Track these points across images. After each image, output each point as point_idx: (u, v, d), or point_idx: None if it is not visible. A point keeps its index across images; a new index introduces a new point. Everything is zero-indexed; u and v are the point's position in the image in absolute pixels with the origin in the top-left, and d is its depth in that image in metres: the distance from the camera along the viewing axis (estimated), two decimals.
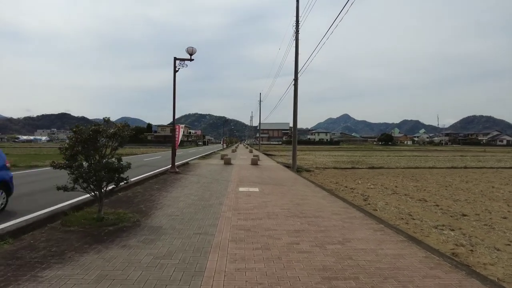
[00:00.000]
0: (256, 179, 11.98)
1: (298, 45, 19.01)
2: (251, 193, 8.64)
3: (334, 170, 20.48)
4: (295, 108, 18.96)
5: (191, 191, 8.84)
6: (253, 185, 10.26)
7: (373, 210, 8.60)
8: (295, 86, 19.01)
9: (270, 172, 15.15)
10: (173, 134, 13.85)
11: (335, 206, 7.21)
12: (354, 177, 16.39)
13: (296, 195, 8.46)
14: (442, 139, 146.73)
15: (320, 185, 11.65)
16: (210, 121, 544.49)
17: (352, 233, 5.09)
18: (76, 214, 5.72)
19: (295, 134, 19.45)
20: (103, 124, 5.27)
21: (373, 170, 20.80)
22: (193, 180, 11.31)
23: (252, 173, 14.28)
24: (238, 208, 6.69)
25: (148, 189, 9.09)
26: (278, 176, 13.24)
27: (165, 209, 6.52)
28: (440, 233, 6.46)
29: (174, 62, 13.70)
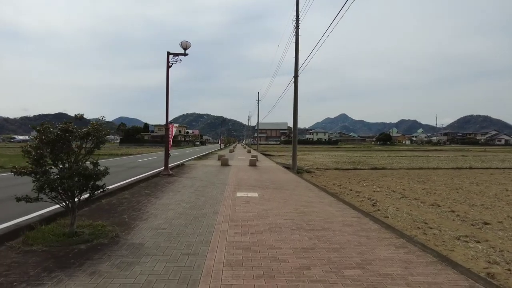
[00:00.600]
0: (255, 182, 11.15)
1: (298, 40, 18.20)
2: (250, 199, 7.80)
3: (335, 171, 19.68)
4: (295, 107, 18.14)
5: (183, 197, 7.98)
6: (252, 189, 9.43)
7: (384, 217, 7.81)
8: (295, 84, 18.19)
9: (270, 174, 14.33)
10: (166, 134, 12.99)
11: (345, 214, 6.39)
12: (358, 179, 15.59)
13: (300, 202, 7.63)
14: (441, 139, 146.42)
15: (324, 188, 10.84)
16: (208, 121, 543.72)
17: (371, 251, 4.26)
18: (44, 228, 4.87)
19: (295, 134, 18.64)
20: (72, 122, 4.41)
21: (376, 171, 20.03)
22: (187, 183, 10.45)
23: (250, 175, 13.44)
24: (235, 218, 5.85)
25: (136, 194, 8.23)
26: (278, 179, 12.42)
27: (151, 220, 5.67)
28: (465, 246, 5.65)
29: (167, 57, 12.84)
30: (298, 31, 18.20)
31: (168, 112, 12.85)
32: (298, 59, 18.17)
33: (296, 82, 18.17)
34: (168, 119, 12.88)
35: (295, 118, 18.27)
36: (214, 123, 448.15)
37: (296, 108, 18.16)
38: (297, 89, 18.20)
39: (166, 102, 12.76)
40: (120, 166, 17.57)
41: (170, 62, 12.86)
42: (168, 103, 12.80)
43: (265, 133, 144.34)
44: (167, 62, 12.83)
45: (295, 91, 18.14)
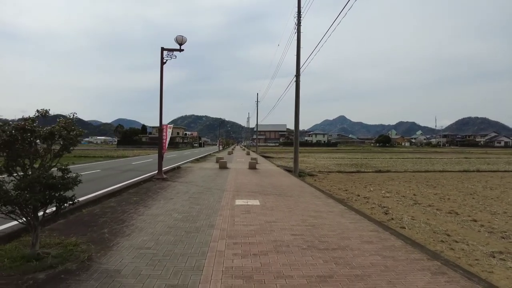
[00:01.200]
0: (256, 187, 10.28)
1: (300, 38, 17.40)
2: (251, 208, 6.94)
3: (339, 174, 18.85)
4: (296, 107, 17.32)
5: (176, 205, 7.11)
6: (253, 195, 8.56)
7: (400, 227, 6.97)
8: (296, 83, 17.37)
9: (271, 177, 13.47)
10: (160, 135, 12.12)
11: (361, 227, 5.53)
12: (364, 183, 14.75)
13: (307, 211, 6.77)
14: (440, 141, 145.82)
15: (332, 195, 9.99)
16: (206, 123, 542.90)
17: (403, 279, 3.41)
18: (2, 248, 4.00)
19: (296, 135, 17.79)
20: (30, 119, 3.54)
21: (380, 174, 19.20)
22: (181, 189, 9.58)
23: (250, 179, 12.58)
24: (234, 234, 4.98)
25: (123, 202, 7.35)
26: (280, 183, 11.56)
27: (135, 235, 4.81)
28: (504, 265, 4.82)
29: (162, 53, 12.00)
30: (299, 28, 17.40)
31: (162, 111, 11.99)
32: (300, 57, 17.36)
33: (297, 81, 17.35)
34: (162, 120, 12.02)
35: (296, 119, 17.43)
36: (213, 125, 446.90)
37: (297, 109, 17.33)
38: (299, 88, 17.38)
39: (159, 101, 11.91)
40: (113, 169, 16.69)
41: (164, 59, 12.02)
42: (162, 102, 11.95)
43: (264, 134, 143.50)
44: (161, 58, 11.99)
45: (297, 90, 17.32)
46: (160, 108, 11.96)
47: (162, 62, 11.98)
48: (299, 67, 17.34)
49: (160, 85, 11.91)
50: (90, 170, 15.91)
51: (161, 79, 11.94)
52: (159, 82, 11.94)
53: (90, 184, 10.32)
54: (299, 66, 17.34)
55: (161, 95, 11.89)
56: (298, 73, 17.32)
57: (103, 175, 13.54)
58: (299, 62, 17.34)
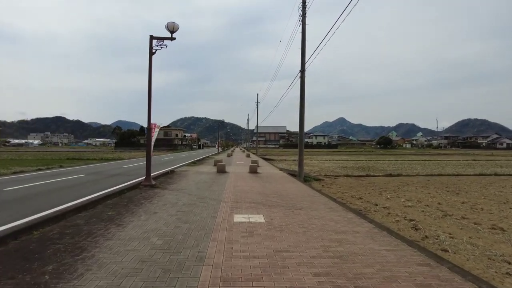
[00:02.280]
0: (258, 196, 8.78)
1: (305, 30, 15.96)
2: (254, 227, 5.44)
3: (347, 178, 17.36)
4: (301, 106, 15.85)
5: (159, 223, 5.60)
6: (255, 207, 7.07)
7: (442, 250, 5.49)
8: (301, 79, 15.91)
9: (274, 183, 11.98)
10: (148, 135, 10.62)
11: (405, 259, 4.04)
12: (377, 189, 13.27)
13: (327, 231, 5.28)
14: (441, 142, 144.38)
15: (349, 206, 8.50)
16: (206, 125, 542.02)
17: None
18: None
19: (302, 136, 16.31)
20: None
21: (392, 178, 17.71)
22: (170, 199, 8.07)
23: (251, 185, 11.09)
24: (232, 274, 3.48)
25: (94, 219, 5.85)
26: (286, 190, 10.07)
27: (87, 278, 3.31)
28: None
29: (150, 42, 10.53)
30: (304, 20, 15.97)
31: (150, 108, 10.50)
32: (305, 51, 15.91)
33: (302, 77, 15.89)
34: (150, 117, 10.53)
35: (301, 118, 15.96)
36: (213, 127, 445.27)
37: (302, 107, 15.87)
38: (304, 85, 15.93)
39: (148, 96, 10.43)
40: (100, 173, 15.19)
41: (153, 48, 10.55)
42: (150, 97, 10.46)
43: (264, 136, 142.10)
44: (149, 48, 10.52)
45: (302, 87, 15.87)
46: (149, 104, 10.47)
47: (151, 53, 10.51)
48: (304, 62, 15.89)
49: (149, 78, 10.44)
50: (74, 174, 14.41)
51: (149, 71, 10.47)
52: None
53: (64, 193, 8.82)
54: (304, 61, 15.89)
55: (150, 90, 10.42)
56: (303, 68, 15.87)
57: (85, 180, 12.04)
58: (304, 57, 15.90)
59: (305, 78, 15.94)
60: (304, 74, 15.93)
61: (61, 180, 11.88)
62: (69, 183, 10.99)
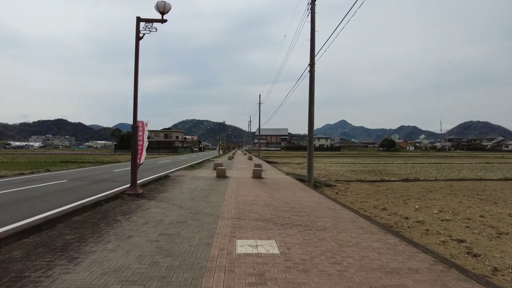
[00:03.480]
0: (266, 209, 7.10)
1: (315, 19, 14.35)
2: (265, 264, 3.75)
3: (361, 184, 15.65)
4: (311, 103, 14.19)
5: (129, 257, 3.92)
6: (264, 228, 5.39)
7: None
8: (311, 73, 14.27)
9: (283, 191, 10.29)
10: (134, 134, 8.95)
11: None
12: (398, 196, 11.59)
13: (371, 270, 3.61)
14: (445, 145, 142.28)
15: (381, 222, 6.81)
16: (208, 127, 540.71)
17: None
18: None
19: (311, 137, 14.62)
20: None
21: (410, 184, 16.00)
22: (155, 215, 6.39)
23: (256, 194, 9.41)
24: None
25: (41, 247, 4.19)
26: (298, 201, 8.39)
27: None
28: None
29: (137, 25, 8.91)
30: (314, 8, 14.36)
31: (136, 102, 8.85)
32: (314, 42, 14.28)
33: (312, 71, 14.25)
34: (136, 114, 8.88)
35: (311, 116, 14.28)
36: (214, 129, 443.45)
37: (312, 105, 14.21)
38: (313, 80, 14.28)
39: (134, 88, 8.79)
40: (85, 179, 13.53)
41: (141, 32, 8.93)
42: (137, 88, 8.81)
43: (265, 139, 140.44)
44: (136, 32, 8.90)
45: (311, 82, 14.22)
46: (135, 98, 8.81)
47: (137, 37, 8.89)
48: (314, 54, 14.25)
49: (135, 67, 8.80)
50: (55, 180, 12.76)
51: (136, 58, 8.84)
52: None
53: (25, 206, 7.14)
54: (313, 53, 14.25)
55: (136, 80, 8.78)
56: (313, 61, 14.22)
57: (63, 188, 10.39)
58: (313, 48, 14.26)
59: (314, 73, 14.30)
60: (314, 68, 14.29)
61: (34, 188, 10.23)
62: (40, 192, 9.32)
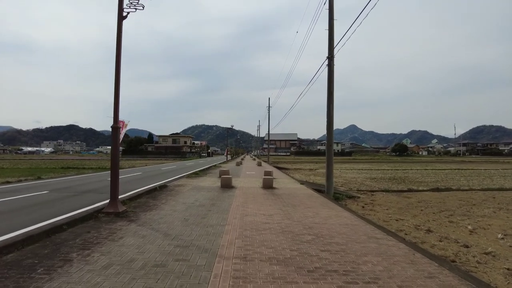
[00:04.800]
0: (284, 241, 5.16)
1: (333, 5, 12.49)
2: None
3: (387, 195, 13.59)
4: (329, 102, 12.28)
5: None
6: (283, 281, 3.49)
7: None
8: (329, 68, 12.38)
9: (302, 207, 8.35)
10: (114, 136, 7.14)
11: None
12: (437, 212, 9.55)
13: None
14: (459, 149, 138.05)
15: (468, 273, 4.84)
16: (217, 132, 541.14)
17: None
18: None
19: (330, 140, 12.65)
20: None
21: (444, 194, 13.87)
22: (126, 251, 4.52)
23: (268, 213, 7.50)
24: None
25: None
26: (324, 224, 6.45)
27: None
28: None
29: (120, 2, 7.17)
30: None
31: (118, 95, 7.07)
32: (333, 32, 12.40)
33: (331, 64, 12.36)
34: (118, 111, 7.09)
35: (329, 117, 12.36)
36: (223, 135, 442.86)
37: (331, 103, 12.29)
38: (333, 76, 12.38)
39: (115, 78, 7.03)
40: (69, 189, 11.83)
41: (124, 11, 7.19)
42: (118, 79, 7.05)
43: (275, 144, 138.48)
44: (119, 10, 7.16)
45: (330, 77, 12.32)
46: (116, 88, 7.04)
47: (120, 16, 7.15)
48: (333, 45, 12.36)
49: (117, 50, 7.05)
50: (36, 190, 11.11)
51: (118, 41, 7.09)
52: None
53: None
54: (332, 44, 12.36)
55: (118, 68, 7.02)
56: (332, 53, 12.33)
57: (38, 201, 8.69)
58: (332, 39, 12.38)
59: (333, 67, 12.40)
60: (333, 61, 12.40)
61: (2, 202, 8.55)
62: (6, 207, 7.62)
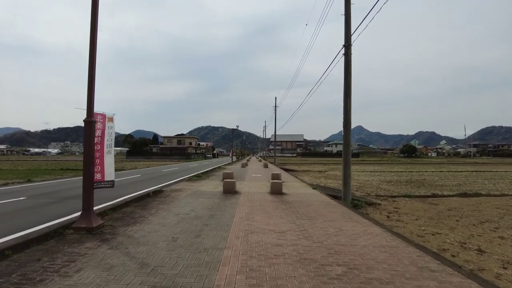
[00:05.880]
0: (304, 277, 3.72)
1: None
2: None
3: (410, 201, 12.05)
4: (346, 95, 10.82)
5: None
6: None
7: None
8: (346, 57, 10.91)
9: (320, 220, 6.89)
10: (88, 131, 5.73)
11: None
12: (478, 223, 8.03)
13: None
14: (470, 150, 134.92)
15: None
16: (222, 134, 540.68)
17: None
18: None
19: (348, 139, 11.15)
20: None
21: (474, 200, 12.29)
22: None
23: (280, 230, 6.05)
24: None
25: None
26: (353, 245, 5.00)
27: None
28: None
29: None
30: None
31: (93, 80, 5.69)
32: (350, 17, 10.95)
33: (348, 54, 10.89)
34: (93, 100, 5.70)
35: (346, 113, 10.88)
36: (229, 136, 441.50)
37: (348, 97, 10.83)
38: (350, 66, 10.92)
39: (89, 61, 5.65)
40: (51, 194, 10.51)
41: None
42: (94, 61, 5.67)
43: (280, 145, 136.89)
44: None
45: (347, 69, 10.86)
46: (91, 69, 5.65)
47: None
48: (350, 32, 10.90)
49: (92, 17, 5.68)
50: (15, 196, 9.84)
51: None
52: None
53: None
54: (349, 31, 10.90)
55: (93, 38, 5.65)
56: (349, 41, 10.87)
57: (7, 210, 7.38)
58: (349, 25, 10.92)
59: (351, 56, 10.94)
60: (350, 50, 10.94)
61: None
62: None
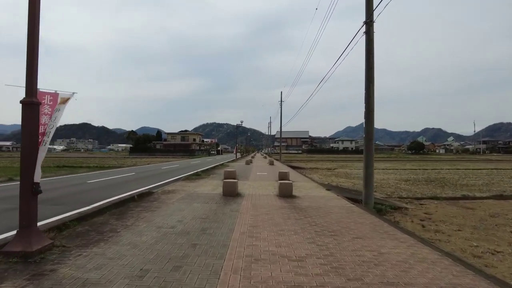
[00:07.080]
0: None
1: None
2: None
3: (440, 204, 10.42)
4: (368, 80, 9.19)
5: None
6: None
7: None
8: (367, 36, 9.25)
9: (346, 237, 5.30)
10: (28, 116, 4.18)
11: None
12: None
13: None
14: (479, 147, 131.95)
15: None
16: (227, 131, 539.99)
17: None
18: None
19: (371, 133, 9.55)
20: None
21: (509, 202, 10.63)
22: None
23: (297, 254, 4.45)
24: None
25: None
26: (406, 283, 3.39)
27: None
28: None
29: None
30: None
31: (36, 51, 4.14)
32: None
33: (370, 32, 9.23)
34: (35, 76, 4.14)
35: (369, 101, 9.25)
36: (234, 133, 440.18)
37: (370, 82, 9.20)
38: (372, 46, 9.27)
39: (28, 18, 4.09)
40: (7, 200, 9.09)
41: None
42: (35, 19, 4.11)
43: (286, 141, 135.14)
44: None
45: (368, 49, 9.21)
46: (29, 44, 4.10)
47: None
48: (372, 6, 9.24)
49: None
50: None
51: None
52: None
53: None
54: (371, 5, 9.25)
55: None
56: (371, 17, 9.20)
57: None
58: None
59: (373, 35, 9.29)
60: (372, 27, 9.27)
61: None
62: None
